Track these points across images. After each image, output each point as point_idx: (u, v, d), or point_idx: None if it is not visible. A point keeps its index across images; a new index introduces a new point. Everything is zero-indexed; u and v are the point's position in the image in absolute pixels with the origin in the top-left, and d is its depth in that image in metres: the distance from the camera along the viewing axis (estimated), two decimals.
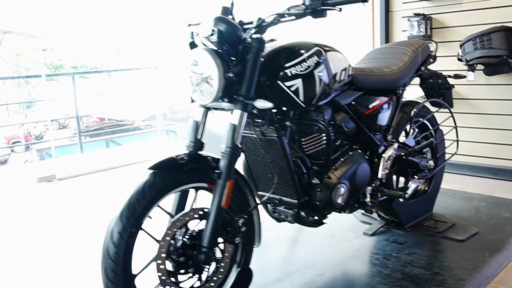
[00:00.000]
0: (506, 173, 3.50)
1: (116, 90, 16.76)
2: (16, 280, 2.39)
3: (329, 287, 2.08)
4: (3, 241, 2.92)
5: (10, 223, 3.26)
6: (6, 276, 2.44)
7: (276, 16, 1.74)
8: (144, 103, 13.20)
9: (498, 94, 3.47)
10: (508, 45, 3.18)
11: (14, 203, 3.73)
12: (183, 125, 12.12)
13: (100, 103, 12.30)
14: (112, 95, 13.45)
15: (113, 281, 1.52)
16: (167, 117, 16.88)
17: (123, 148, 6.75)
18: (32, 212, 3.44)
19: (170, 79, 7.22)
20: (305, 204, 1.98)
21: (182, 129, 11.91)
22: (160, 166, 1.63)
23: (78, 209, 3.47)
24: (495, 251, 2.33)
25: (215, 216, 1.65)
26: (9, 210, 3.55)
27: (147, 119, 16.60)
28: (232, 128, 1.69)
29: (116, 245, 1.51)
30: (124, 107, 13.15)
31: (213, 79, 1.67)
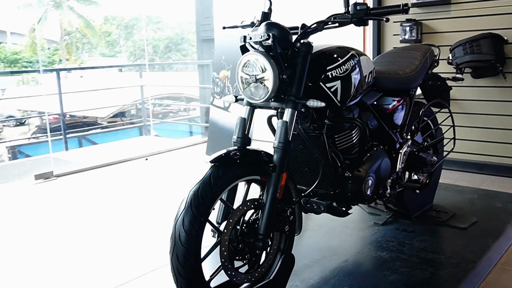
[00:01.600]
0: (490, 168, 3.81)
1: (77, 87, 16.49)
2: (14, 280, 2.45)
3: (356, 271, 2.27)
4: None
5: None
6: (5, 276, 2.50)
7: (320, 23, 1.90)
8: (109, 100, 13.08)
9: (484, 96, 3.77)
10: (495, 50, 3.48)
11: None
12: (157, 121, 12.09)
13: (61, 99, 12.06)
14: (73, 91, 13.20)
15: (184, 266, 1.63)
16: (130, 114, 16.77)
17: (111, 145, 6.74)
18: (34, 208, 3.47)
19: (135, 77, 7.28)
20: (338, 195, 2.15)
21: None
22: (221, 160, 1.75)
23: (86, 207, 3.52)
24: (496, 236, 2.58)
25: (270, 206, 1.79)
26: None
27: (113, 116, 16.41)
28: (284, 125, 1.83)
29: (187, 232, 1.62)
30: (87, 104, 12.94)
31: (268, 80, 1.81)
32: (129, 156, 4.93)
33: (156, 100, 14.12)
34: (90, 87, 15.33)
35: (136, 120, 13.35)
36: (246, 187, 1.89)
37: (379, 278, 2.19)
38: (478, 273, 2.22)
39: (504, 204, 3.08)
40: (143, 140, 7.12)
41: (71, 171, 4.41)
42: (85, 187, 3.97)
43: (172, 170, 4.51)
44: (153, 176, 4.28)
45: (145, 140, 7.01)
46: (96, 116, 16.59)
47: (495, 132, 3.77)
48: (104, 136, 10.76)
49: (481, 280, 2.18)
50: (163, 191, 3.77)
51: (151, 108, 14.40)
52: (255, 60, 1.84)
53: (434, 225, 2.79)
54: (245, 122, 1.96)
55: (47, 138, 9.22)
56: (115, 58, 32.72)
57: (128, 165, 4.70)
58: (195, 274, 1.66)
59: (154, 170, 4.52)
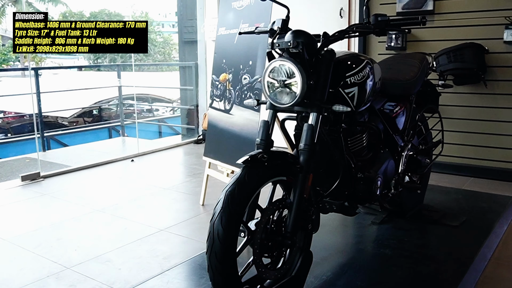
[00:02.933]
0: (468, 170, 4.05)
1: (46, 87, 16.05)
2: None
3: (364, 268, 2.39)
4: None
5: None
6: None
7: (342, 32, 2.01)
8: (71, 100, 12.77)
9: (464, 101, 3.99)
10: (477, 59, 3.70)
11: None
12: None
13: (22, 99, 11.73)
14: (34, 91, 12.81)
15: (222, 263, 1.69)
16: (92, 114, 16.42)
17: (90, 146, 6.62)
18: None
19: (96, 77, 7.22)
20: (350, 195, 2.27)
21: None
22: (252, 162, 1.83)
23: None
24: (486, 233, 2.77)
25: (297, 205, 1.89)
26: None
27: (76, 116, 16.04)
28: (310, 128, 1.92)
29: (226, 230, 1.69)
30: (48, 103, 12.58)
31: (296, 86, 1.90)
32: (114, 157, 4.90)
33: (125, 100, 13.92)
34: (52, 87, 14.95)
35: (115, 120, 13.14)
36: (272, 187, 1.97)
37: (387, 274, 2.32)
38: (476, 267, 2.38)
39: (489, 204, 3.29)
40: (122, 141, 7.04)
41: (58, 172, 4.34)
42: (75, 189, 3.93)
43: (162, 171, 4.53)
44: (145, 177, 4.29)
45: (126, 141, 6.94)
46: (56, 116, 16.16)
47: (474, 136, 4.00)
48: (73, 137, 10.52)
49: (479, 274, 2.34)
50: (156, 193, 3.79)
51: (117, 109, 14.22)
52: (284, 66, 1.92)
53: (428, 223, 2.96)
54: (269, 125, 2.04)
55: (20, 138, 8.93)
56: (73, 57, 31.90)
57: (115, 166, 4.67)
58: (231, 271, 1.73)
59: (143, 171, 4.53)
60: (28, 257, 2.64)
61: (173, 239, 2.86)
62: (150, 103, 16.88)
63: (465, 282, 2.22)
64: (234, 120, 3.12)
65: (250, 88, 2.99)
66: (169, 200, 3.62)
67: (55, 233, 2.97)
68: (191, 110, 6.08)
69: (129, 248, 2.73)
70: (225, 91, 3.24)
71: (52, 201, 3.59)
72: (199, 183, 4.02)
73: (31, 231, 3.01)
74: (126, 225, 3.08)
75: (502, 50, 3.76)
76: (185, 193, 3.78)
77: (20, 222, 3.19)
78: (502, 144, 3.89)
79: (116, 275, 2.41)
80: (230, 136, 3.15)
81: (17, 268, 2.50)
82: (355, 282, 2.25)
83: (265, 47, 2.91)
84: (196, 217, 3.22)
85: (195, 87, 5.95)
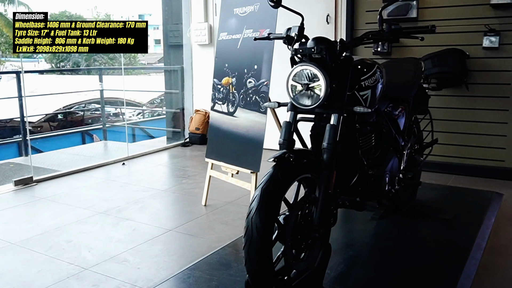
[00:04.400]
0: (450, 168, 4.30)
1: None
2: None
3: (373, 260, 2.55)
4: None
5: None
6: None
7: (357, 40, 2.17)
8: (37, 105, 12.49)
9: (446, 103, 4.24)
10: (459, 63, 3.95)
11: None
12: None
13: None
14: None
15: (259, 255, 1.80)
16: (57, 119, 16.11)
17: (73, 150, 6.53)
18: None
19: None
20: (362, 191, 2.42)
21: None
22: (282, 160, 1.94)
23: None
24: (477, 225, 2.98)
25: (323, 201, 2.02)
26: None
27: (43, 121, 15.69)
28: (333, 128, 2.06)
29: (263, 225, 1.79)
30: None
31: (320, 89, 2.03)
32: (104, 161, 4.91)
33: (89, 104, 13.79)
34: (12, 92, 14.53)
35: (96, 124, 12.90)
36: (297, 184, 2.10)
37: (394, 265, 2.48)
38: (474, 256, 2.58)
39: (475, 199, 3.52)
40: (104, 145, 7.00)
41: (50, 176, 4.32)
42: (71, 192, 3.94)
43: (155, 173, 4.57)
44: (139, 180, 4.33)
45: (109, 145, 6.90)
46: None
47: (455, 136, 4.25)
48: (44, 143, 10.28)
49: (478, 261, 2.53)
50: (155, 195, 3.85)
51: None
52: (308, 70, 2.05)
53: (422, 218, 3.15)
54: (291, 125, 2.17)
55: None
56: (33, 60, 31.09)
57: (106, 170, 4.68)
58: (268, 262, 1.84)
59: (136, 174, 4.56)
60: (42, 260, 2.66)
61: (184, 238, 2.95)
62: (120, 107, 16.70)
63: (467, 269, 2.40)
64: (239, 122, 3.23)
65: (255, 91, 3.11)
66: (169, 202, 3.69)
67: (63, 236, 3.00)
68: (177, 114, 6.13)
69: (143, 248, 2.80)
70: (228, 94, 3.34)
71: (52, 205, 3.59)
72: (195, 184, 4.10)
73: (38, 235, 3.02)
74: (134, 226, 3.14)
75: (481, 56, 4.03)
76: (184, 195, 3.85)
77: (24, 226, 3.18)
78: (481, 143, 4.15)
79: (136, 274, 2.47)
80: (234, 137, 3.25)
81: (34, 271, 2.53)
82: (367, 273, 2.40)
83: (270, 52, 3.04)
84: (202, 217, 3.31)
85: (180, 91, 6.01)
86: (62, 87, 17.19)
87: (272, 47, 3.03)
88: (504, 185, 3.90)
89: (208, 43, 5.65)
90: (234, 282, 2.32)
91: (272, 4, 2.41)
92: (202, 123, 5.78)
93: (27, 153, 6.11)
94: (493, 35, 3.91)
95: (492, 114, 4.08)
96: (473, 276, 2.34)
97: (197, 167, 4.81)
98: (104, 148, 6.71)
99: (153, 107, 17.25)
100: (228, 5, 3.44)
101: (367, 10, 4.49)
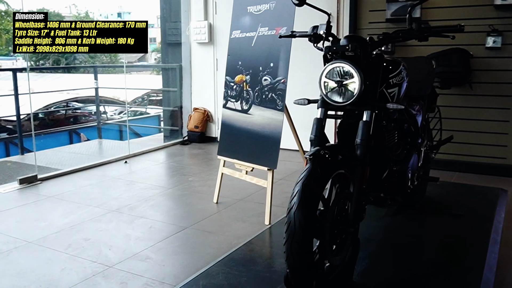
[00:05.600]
0: (453, 165, 4.38)
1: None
2: None
3: (396, 254, 2.59)
4: None
5: None
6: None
7: (387, 38, 2.21)
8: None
9: (449, 102, 4.32)
10: (463, 63, 4.04)
11: None
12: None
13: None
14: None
15: (302, 247, 1.82)
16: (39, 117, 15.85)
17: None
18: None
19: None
20: (387, 187, 2.46)
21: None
22: (318, 157, 1.97)
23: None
24: (489, 220, 3.05)
25: (358, 195, 2.05)
26: None
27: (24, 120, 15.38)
28: (366, 124, 2.09)
29: (306, 219, 1.81)
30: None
31: (354, 86, 2.06)
32: (106, 159, 4.86)
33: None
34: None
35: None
36: (331, 180, 2.12)
37: (416, 260, 2.53)
38: (492, 250, 2.65)
39: (482, 195, 3.60)
40: (99, 143, 6.92)
41: (54, 174, 4.26)
42: (78, 191, 3.89)
43: (159, 172, 4.55)
44: (145, 178, 4.30)
45: (103, 143, 6.82)
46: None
47: (458, 134, 4.33)
48: (31, 142, 10.05)
49: (497, 256, 2.60)
50: (163, 193, 3.84)
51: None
52: (343, 68, 2.07)
53: (434, 213, 3.21)
54: (322, 122, 2.19)
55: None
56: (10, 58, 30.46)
57: (109, 168, 4.64)
58: (309, 258, 1.86)
59: (141, 172, 4.52)
60: (63, 258, 2.63)
61: (202, 235, 2.95)
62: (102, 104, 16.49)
63: (489, 262, 2.47)
64: (254, 119, 3.24)
65: (271, 89, 3.13)
66: (179, 200, 3.68)
67: (80, 234, 2.97)
68: (175, 112, 6.10)
69: (163, 246, 2.79)
70: (242, 91, 3.35)
71: (61, 203, 3.55)
72: (201, 182, 4.10)
73: (54, 233, 2.98)
74: (150, 224, 3.13)
75: (485, 55, 4.12)
76: (192, 192, 3.84)
77: (37, 224, 3.14)
78: (484, 141, 4.25)
79: (162, 271, 2.47)
80: (249, 135, 3.26)
81: (58, 269, 2.50)
82: (392, 268, 2.44)
83: (288, 51, 3.06)
84: (215, 215, 3.31)
85: (179, 89, 5.99)
86: (44, 86, 16.91)
87: (289, 45, 3.05)
88: (507, 182, 3.99)
89: (208, 41, 5.64)
90: (263, 278, 2.34)
91: (297, 2, 2.43)
92: (201, 121, 5.77)
93: (23, 152, 6.04)
94: (496, 35, 4.01)
95: (494, 113, 4.18)
96: (495, 269, 2.41)
97: (200, 165, 4.80)
98: (99, 147, 6.64)
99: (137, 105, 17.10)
100: (241, 3, 3.45)
101: (370, 10, 4.55)
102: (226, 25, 5.48)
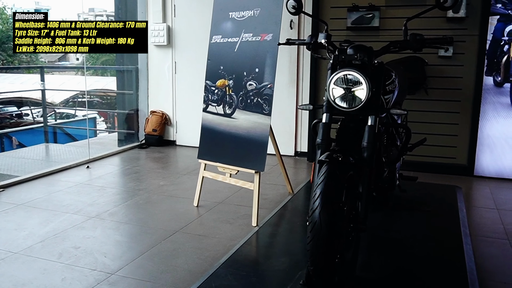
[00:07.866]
0: (414, 166, 4.69)
1: None
2: None
3: (387, 248, 2.79)
4: None
5: None
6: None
7: (385, 48, 2.38)
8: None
9: (407, 106, 4.63)
10: (420, 70, 4.37)
11: None
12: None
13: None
14: None
15: (327, 247, 1.93)
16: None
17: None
18: None
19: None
20: (379, 186, 2.64)
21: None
22: (333, 160, 2.08)
23: None
24: (455, 215, 3.35)
25: (367, 194, 2.20)
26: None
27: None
28: (371, 128, 2.24)
29: (330, 218, 1.93)
30: None
31: (362, 92, 2.20)
32: (66, 164, 4.67)
33: None
34: None
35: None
36: None
37: (408, 252, 2.74)
38: (467, 242, 2.92)
39: (442, 192, 3.93)
40: (45, 148, 6.57)
41: (15, 181, 4.04)
42: (49, 197, 3.73)
43: (127, 176, 4.46)
44: (114, 183, 4.20)
45: (51, 148, 6.48)
46: None
47: (417, 136, 4.66)
48: None
49: (471, 246, 2.87)
50: (141, 197, 3.80)
51: None
52: (351, 75, 2.21)
53: (407, 210, 3.47)
54: (328, 126, 2.32)
55: None
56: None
57: (72, 173, 4.47)
58: (333, 255, 1.97)
59: (107, 177, 4.40)
60: (59, 268, 2.54)
61: (195, 239, 2.96)
62: (30, 106, 15.65)
63: (467, 253, 2.73)
64: (238, 123, 3.31)
65: (257, 93, 3.22)
66: (159, 204, 3.64)
67: (67, 242, 2.87)
68: (130, 115, 5.98)
69: (159, 251, 2.78)
70: (224, 96, 3.41)
71: (35, 211, 3.39)
72: (174, 186, 4.09)
73: (39, 242, 2.86)
74: (137, 229, 3.09)
75: (438, 63, 4.48)
76: (169, 196, 3.82)
77: (18, 234, 2.98)
78: (437, 142, 4.61)
79: (168, 276, 2.47)
80: (233, 139, 3.32)
81: (58, 279, 2.42)
82: (387, 260, 2.63)
83: (274, 57, 3.16)
84: (201, 218, 3.33)
85: (135, 92, 5.88)
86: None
87: (276, 51, 3.16)
88: (457, 180, 4.37)
89: (167, 44, 5.60)
90: (272, 277, 2.43)
91: (293, 11, 2.56)
92: (159, 125, 5.71)
93: None
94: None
95: (446, 116, 4.55)
96: (473, 259, 2.67)
97: (166, 169, 4.77)
98: (46, 151, 6.32)
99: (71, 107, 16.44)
100: (222, 9, 3.50)
101: (332, 18, 4.77)
102: (185, 28, 5.50)
